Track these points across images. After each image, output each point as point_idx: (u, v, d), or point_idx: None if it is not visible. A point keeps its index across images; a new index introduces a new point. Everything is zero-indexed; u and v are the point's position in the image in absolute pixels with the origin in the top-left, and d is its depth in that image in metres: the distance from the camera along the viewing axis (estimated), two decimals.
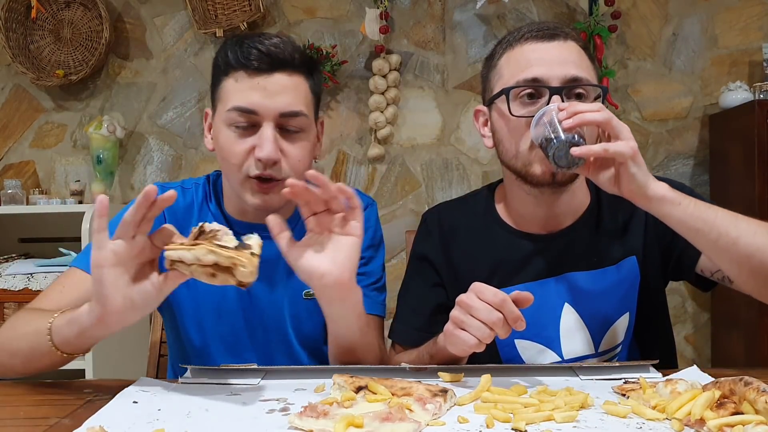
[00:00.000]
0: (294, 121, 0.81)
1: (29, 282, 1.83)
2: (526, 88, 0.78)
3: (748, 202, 1.82)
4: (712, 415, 0.54)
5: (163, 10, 2.19)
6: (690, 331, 2.12)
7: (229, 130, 0.81)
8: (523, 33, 0.81)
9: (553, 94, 0.76)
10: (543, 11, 2.12)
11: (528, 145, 0.78)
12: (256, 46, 0.79)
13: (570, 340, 0.83)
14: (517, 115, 0.79)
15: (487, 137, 0.87)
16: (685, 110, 2.11)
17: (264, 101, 0.79)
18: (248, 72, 0.79)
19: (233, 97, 0.80)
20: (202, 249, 0.59)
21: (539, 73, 0.78)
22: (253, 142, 0.79)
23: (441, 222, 0.92)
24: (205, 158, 2.21)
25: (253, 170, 0.80)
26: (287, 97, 0.80)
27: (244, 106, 0.79)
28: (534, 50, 0.79)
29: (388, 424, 0.54)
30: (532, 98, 0.78)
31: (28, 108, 2.23)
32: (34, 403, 0.66)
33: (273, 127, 0.79)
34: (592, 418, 0.58)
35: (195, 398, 0.65)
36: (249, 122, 0.80)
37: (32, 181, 2.23)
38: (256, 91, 0.79)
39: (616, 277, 0.84)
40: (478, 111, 0.89)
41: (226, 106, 0.80)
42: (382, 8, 2.06)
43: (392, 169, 2.18)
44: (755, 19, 2.08)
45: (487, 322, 0.66)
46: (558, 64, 0.77)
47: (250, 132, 0.80)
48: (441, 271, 0.89)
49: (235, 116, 0.79)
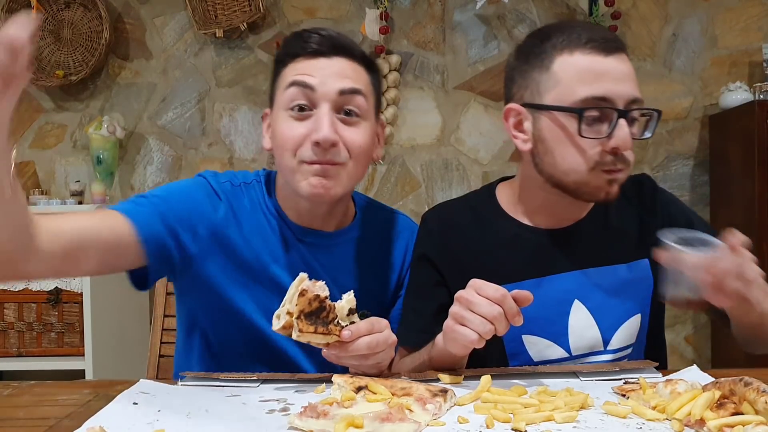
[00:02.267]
0: (353, 100, 0.78)
1: (29, 282, 1.83)
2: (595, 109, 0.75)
3: (748, 202, 1.82)
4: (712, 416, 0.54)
5: (163, 10, 2.19)
6: (690, 332, 2.12)
7: (286, 115, 0.78)
8: (583, 39, 0.76)
9: (621, 117, 0.75)
10: (543, 11, 2.12)
11: (590, 166, 0.76)
12: (318, 32, 0.79)
13: (578, 337, 0.83)
14: (587, 137, 0.75)
15: (521, 140, 0.82)
16: (685, 111, 2.11)
17: (323, 78, 0.76)
18: (307, 56, 0.78)
19: (291, 75, 0.78)
20: (323, 338, 0.66)
21: (607, 92, 0.74)
22: (311, 126, 0.76)
23: (441, 220, 0.91)
24: (205, 158, 2.21)
25: (308, 154, 0.76)
26: (347, 77, 0.78)
27: (301, 80, 0.77)
28: (600, 63, 0.75)
29: (388, 425, 0.54)
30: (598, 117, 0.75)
31: (28, 108, 2.23)
32: (33, 404, 0.66)
33: (330, 108, 0.77)
34: (592, 418, 0.58)
35: (195, 399, 0.65)
36: (307, 101, 0.77)
37: (32, 181, 2.23)
38: (315, 69, 0.77)
39: (627, 276, 0.84)
40: (510, 110, 0.82)
41: (283, 86, 0.78)
42: (382, 9, 2.06)
43: (392, 170, 2.18)
44: (755, 20, 2.08)
45: (488, 317, 0.66)
46: (623, 82, 0.75)
47: (306, 114, 0.77)
48: (443, 270, 0.88)
49: (292, 93, 0.77)
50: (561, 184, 0.80)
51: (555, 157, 0.78)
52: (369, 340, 0.66)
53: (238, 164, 2.21)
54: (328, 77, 0.77)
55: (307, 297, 0.64)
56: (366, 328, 0.67)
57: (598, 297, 0.83)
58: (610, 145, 0.75)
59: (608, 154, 0.76)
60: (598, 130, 0.75)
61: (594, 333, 0.83)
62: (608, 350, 0.83)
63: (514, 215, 0.88)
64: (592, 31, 0.78)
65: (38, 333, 1.81)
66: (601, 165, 0.76)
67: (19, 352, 1.81)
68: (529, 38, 0.83)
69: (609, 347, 0.83)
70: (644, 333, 0.85)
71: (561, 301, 0.83)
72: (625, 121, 0.75)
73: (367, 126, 0.80)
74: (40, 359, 1.79)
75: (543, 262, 0.84)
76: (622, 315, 0.84)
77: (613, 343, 0.83)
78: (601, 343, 0.83)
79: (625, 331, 0.84)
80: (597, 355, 0.83)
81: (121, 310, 1.93)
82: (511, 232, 0.87)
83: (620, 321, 0.83)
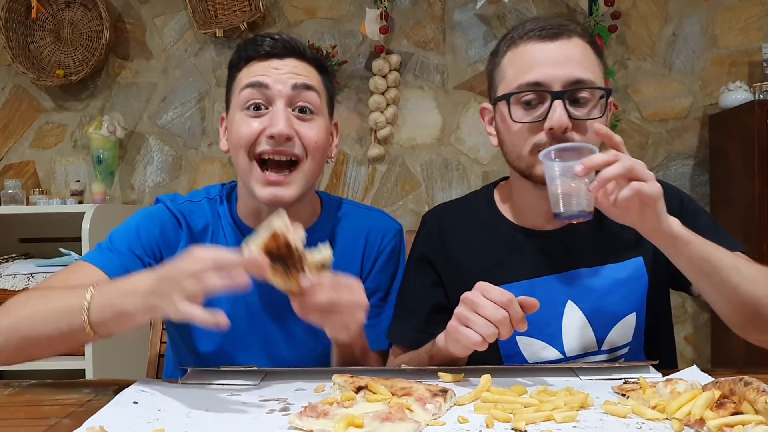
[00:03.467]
0: (307, 96, 0.80)
1: (29, 282, 1.82)
2: (528, 93, 0.77)
3: (748, 202, 1.82)
4: (712, 415, 0.54)
5: (163, 10, 2.19)
6: (690, 331, 2.12)
7: (242, 114, 0.80)
8: (526, 30, 0.80)
9: (555, 99, 0.76)
10: (543, 11, 2.12)
11: (529, 149, 0.79)
12: (269, 36, 0.81)
13: (573, 337, 0.83)
14: (518, 121, 0.79)
15: (492, 135, 0.87)
16: (685, 110, 2.11)
17: (276, 76, 0.79)
18: (261, 58, 0.81)
19: (246, 78, 0.81)
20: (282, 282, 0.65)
21: (541, 77, 0.77)
22: (266, 122, 0.79)
23: (441, 221, 0.92)
24: (205, 158, 2.21)
25: (263, 146, 0.78)
26: (299, 74, 0.80)
27: (256, 80, 0.79)
28: (537, 50, 0.78)
29: (388, 424, 0.54)
30: (533, 102, 0.78)
31: (28, 108, 2.23)
32: (33, 403, 0.66)
33: (285, 105, 0.79)
34: (592, 418, 0.58)
35: (195, 398, 0.65)
36: (262, 98, 0.79)
37: (32, 181, 2.23)
38: (268, 70, 0.80)
39: (621, 276, 0.84)
40: (484, 109, 0.88)
41: (239, 88, 0.81)
42: (382, 8, 2.06)
43: (392, 170, 2.18)
44: (755, 19, 2.08)
45: (493, 320, 0.66)
46: (560, 66, 0.77)
47: (263, 114, 0.79)
48: (441, 271, 0.88)
49: (247, 93, 0.80)
50: (519, 171, 0.82)
51: (506, 145, 0.83)
52: (331, 296, 0.65)
53: None
54: (282, 75, 0.80)
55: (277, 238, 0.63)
56: (330, 284, 0.66)
57: (591, 297, 0.83)
58: (545, 126, 0.77)
59: (547, 136, 0.77)
60: (534, 115, 0.78)
61: (588, 333, 0.83)
62: (602, 350, 0.83)
63: (509, 216, 0.89)
64: (538, 22, 0.80)
65: None
66: (539, 147, 0.77)
67: None
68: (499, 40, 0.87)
69: (603, 347, 0.83)
70: (641, 332, 0.85)
71: (555, 303, 0.83)
72: (560, 102, 0.76)
73: (321, 122, 0.82)
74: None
75: (537, 264, 0.84)
76: (616, 315, 0.84)
77: (607, 343, 0.83)
78: (595, 343, 0.83)
79: (620, 330, 0.84)
80: (591, 356, 0.83)
81: None
82: (506, 234, 0.87)
83: (614, 321, 0.84)
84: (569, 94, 0.77)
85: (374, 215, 0.95)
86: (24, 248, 2.13)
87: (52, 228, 2.07)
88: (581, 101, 0.78)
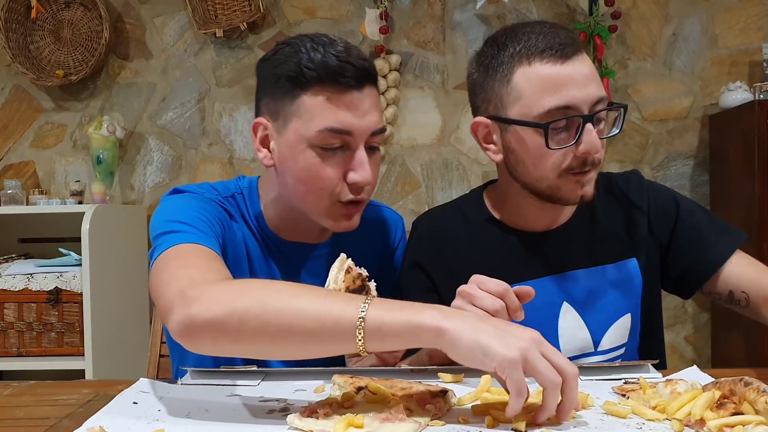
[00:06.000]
0: (379, 138, 0.78)
1: (29, 282, 1.82)
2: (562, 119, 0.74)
3: (749, 202, 1.82)
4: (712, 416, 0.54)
5: (163, 10, 2.19)
6: (690, 332, 2.12)
7: (313, 152, 0.74)
8: (540, 47, 0.75)
9: (586, 122, 0.75)
10: (543, 11, 2.12)
11: (557, 173, 0.77)
12: (348, 60, 0.73)
13: (569, 339, 0.83)
14: (555, 148, 0.75)
15: (492, 151, 0.83)
16: (685, 110, 2.11)
17: (357, 121, 0.74)
18: (340, 89, 0.73)
19: (324, 115, 0.73)
20: None
21: (570, 100, 0.74)
22: (344, 165, 0.75)
23: (431, 226, 0.91)
24: (204, 158, 2.21)
25: (347, 195, 0.76)
26: (376, 114, 0.76)
27: (340, 127, 0.73)
28: (559, 71, 0.74)
29: (388, 425, 0.54)
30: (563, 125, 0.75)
31: (27, 108, 2.23)
32: (33, 404, 0.66)
33: (364, 148, 0.75)
34: (592, 418, 0.57)
35: (195, 399, 0.65)
36: (341, 143, 0.74)
37: (32, 181, 2.23)
38: (350, 111, 0.73)
39: (615, 277, 0.84)
40: (478, 124, 0.82)
41: (314, 124, 0.73)
42: (382, 8, 2.06)
43: (392, 170, 2.18)
44: (755, 20, 2.08)
45: (490, 310, 0.66)
46: (584, 86, 0.75)
47: (338, 154, 0.75)
48: (434, 277, 0.88)
49: (328, 137, 0.73)
50: (536, 190, 0.80)
51: (527, 167, 0.79)
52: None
53: (237, 164, 2.21)
54: (362, 118, 0.74)
55: (351, 275, 0.65)
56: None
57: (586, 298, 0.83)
58: (579, 152, 0.76)
59: (577, 159, 0.76)
60: (565, 139, 0.76)
61: (584, 335, 0.83)
62: (599, 351, 0.83)
63: (501, 219, 0.88)
64: (546, 36, 0.76)
65: (38, 333, 1.81)
66: (570, 170, 0.77)
67: (18, 352, 1.80)
68: (486, 47, 0.81)
69: (599, 348, 0.83)
70: (636, 332, 0.85)
71: (550, 304, 0.83)
72: (591, 125, 0.75)
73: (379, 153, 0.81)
74: (40, 359, 1.78)
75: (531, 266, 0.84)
76: (612, 315, 0.84)
77: (603, 344, 0.83)
78: (591, 344, 0.83)
79: (615, 331, 0.84)
80: (588, 357, 0.83)
81: (121, 309, 1.93)
82: (499, 237, 0.87)
83: (610, 322, 0.83)
84: (597, 115, 0.76)
85: (382, 208, 0.96)
86: (24, 248, 2.13)
87: (52, 228, 2.07)
88: (601, 118, 0.78)
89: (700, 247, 0.84)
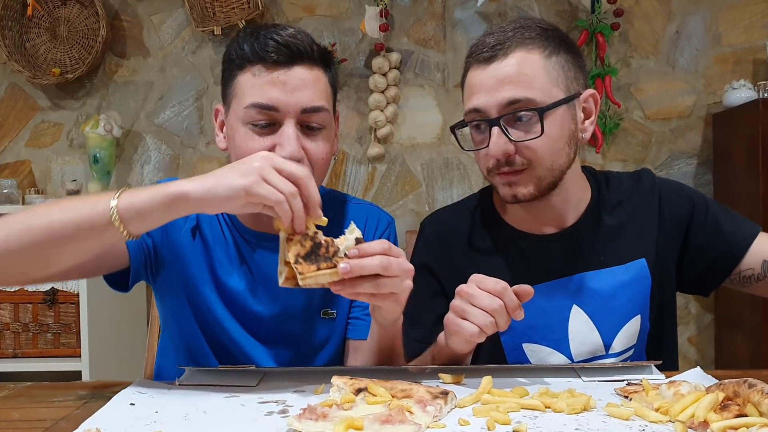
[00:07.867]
0: (316, 117, 0.77)
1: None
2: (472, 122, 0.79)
3: (752, 200, 1.81)
4: (716, 418, 0.53)
5: (161, 7, 2.18)
6: (693, 333, 2.12)
7: (245, 128, 0.76)
8: (471, 52, 0.81)
9: (492, 126, 0.76)
10: (544, 8, 2.11)
11: (486, 173, 0.81)
12: (274, 38, 0.75)
13: (579, 342, 0.82)
14: (468, 149, 0.82)
15: None
16: (689, 109, 2.10)
17: (284, 97, 0.75)
18: (266, 65, 0.75)
19: (251, 92, 0.75)
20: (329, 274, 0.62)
21: (479, 104, 0.78)
22: (274, 140, 0.75)
23: (440, 228, 0.91)
24: (203, 157, 2.20)
25: None
26: (308, 91, 0.76)
27: (264, 102, 0.75)
28: (475, 76, 0.79)
29: (388, 427, 0.53)
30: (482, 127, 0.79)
31: (23, 107, 2.21)
32: (29, 405, 0.66)
33: (294, 125, 0.75)
34: (595, 420, 0.57)
35: (193, 400, 0.64)
36: (269, 119, 0.76)
37: (28, 180, 2.22)
38: (275, 86, 0.75)
39: (624, 278, 0.83)
40: None
41: (243, 102, 0.76)
42: (382, 6, 2.05)
43: (392, 169, 2.17)
44: (759, 17, 2.07)
45: (488, 309, 0.66)
46: (492, 90, 0.76)
47: (269, 130, 0.76)
48: (442, 279, 0.87)
49: (254, 113, 0.75)
50: None
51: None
52: (381, 259, 0.62)
53: None
54: (290, 94, 0.75)
55: (296, 240, 0.62)
56: (379, 248, 0.63)
57: (596, 301, 0.82)
58: (488, 153, 0.78)
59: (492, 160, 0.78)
60: (480, 141, 0.80)
61: (595, 338, 0.82)
62: (610, 354, 0.83)
63: (509, 220, 0.88)
64: (487, 38, 0.79)
65: (34, 334, 1.80)
66: (493, 170, 0.80)
67: (14, 353, 1.79)
68: None
69: (611, 351, 0.83)
70: (645, 334, 0.84)
71: (560, 307, 0.82)
72: (498, 128, 0.76)
73: (328, 134, 0.80)
74: (36, 360, 1.77)
75: (540, 268, 0.83)
76: (622, 317, 0.83)
77: (614, 347, 0.83)
78: (602, 347, 0.82)
79: (626, 333, 0.83)
80: (599, 360, 0.83)
81: (117, 310, 1.92)
82: (507, 239, 0.86)
83: (620, 324, 0.83)
84: (506, 118, 0.76)
85: (367, 207, 0.94)
86: None
87: None
88: (524, 119, 0.76)
89: (723, 236, 0.83)
